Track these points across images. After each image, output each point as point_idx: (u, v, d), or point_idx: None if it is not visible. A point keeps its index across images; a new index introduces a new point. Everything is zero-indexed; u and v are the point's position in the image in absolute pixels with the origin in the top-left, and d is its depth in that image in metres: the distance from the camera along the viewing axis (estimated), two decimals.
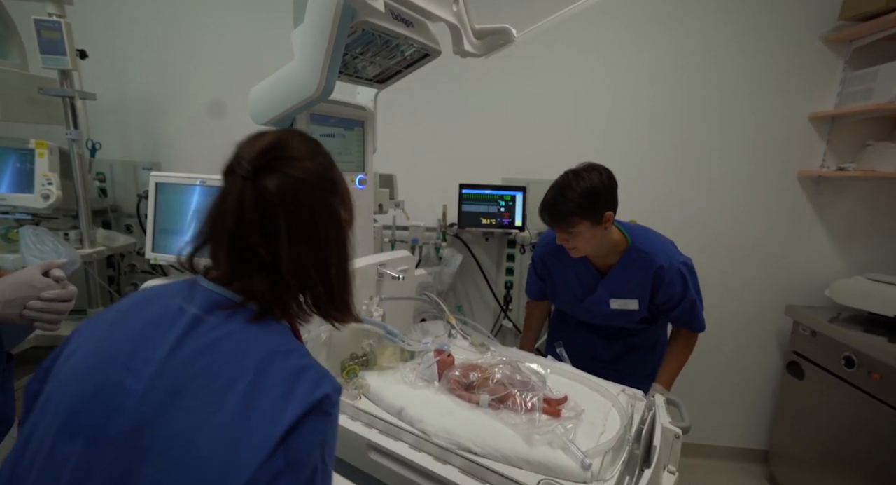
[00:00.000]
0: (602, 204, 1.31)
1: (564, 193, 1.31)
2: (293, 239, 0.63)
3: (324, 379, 0.60)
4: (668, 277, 1.40)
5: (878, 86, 1.90)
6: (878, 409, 1.70)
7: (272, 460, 0.50)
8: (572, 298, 1.55)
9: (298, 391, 0.56)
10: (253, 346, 0.59)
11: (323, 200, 0.66)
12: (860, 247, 2.22)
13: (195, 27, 2.25)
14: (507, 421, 0.95)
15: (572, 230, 1.33)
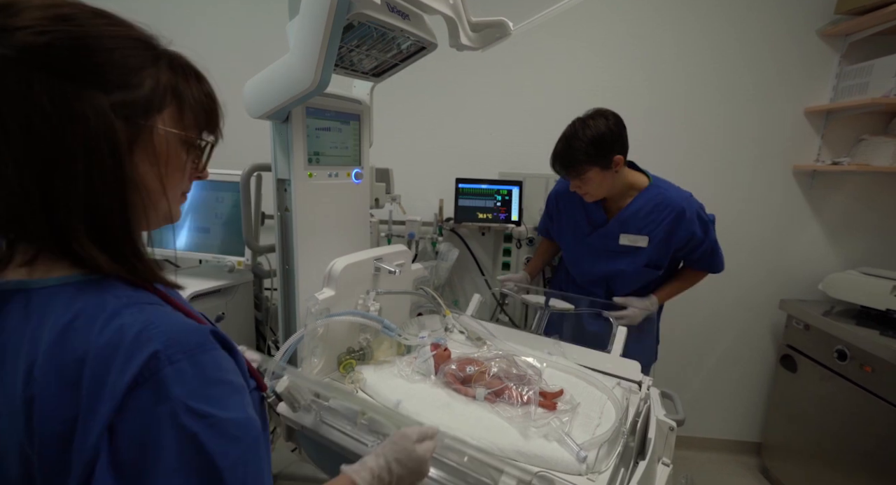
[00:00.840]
0: (609, 149, 1.36)
1: (572, 142, 1.37)
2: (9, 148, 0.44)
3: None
4: (689, 216, 1.44)
5: (873, 80, 1.91)
6: (869, 401, 1.72)
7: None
8: (580, 235, 1.59)
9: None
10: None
11: (63, 92, 0.44)
12: (854, 241, 2.24)
13: (189, 19, 2.22)
14: (504, 414, 0.96)
15: (583, 177, 1.39)
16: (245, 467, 0.46)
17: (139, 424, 0.42)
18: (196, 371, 0.45)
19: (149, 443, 0.42)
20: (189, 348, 0.45)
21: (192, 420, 0.43)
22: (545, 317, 1.52)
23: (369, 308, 1.25)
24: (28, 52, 0.43)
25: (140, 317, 0.46)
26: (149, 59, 0.51)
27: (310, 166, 1.33)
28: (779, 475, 2.21)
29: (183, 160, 0.56)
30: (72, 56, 0.45)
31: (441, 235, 2.20)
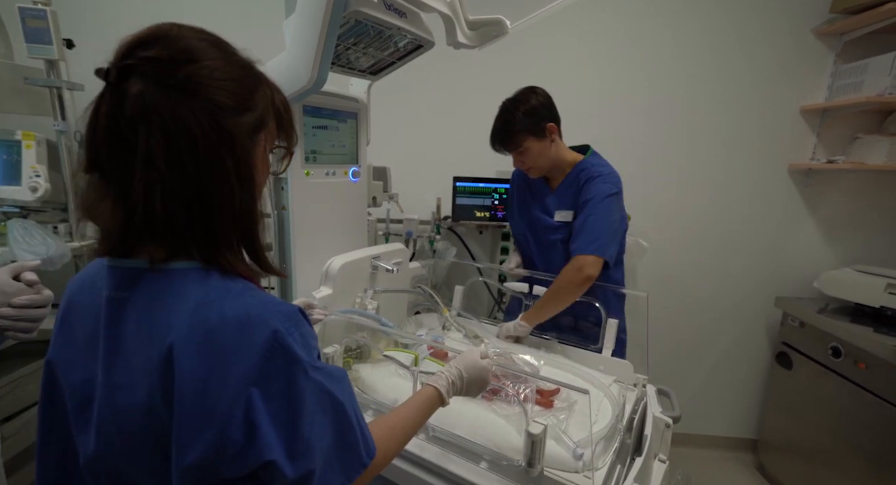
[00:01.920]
0: (542, 117, 1.43)
1: (508, 118, 1.45)
2: (153, 163, 0.51)
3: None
4: (594, 187, 1.43)
5: (867, 79, 1.92)
6: (863, 397, 1.74)
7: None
8: (525, 214, 1.62)
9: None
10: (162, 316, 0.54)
11: (200, 109, 0.52)
12: (848, 239, 2.25)
13: (185, 16, 2.20)
14: (501, 412, 0.96)
15: (521, 149, 1.44)
16: (351, 397, 0.60)
17: (282, 383, 0.52)
18: (303, 340, 0.55)
19: (294, 395, 0.53)
20: (296, 323, 0.55)
21: (315, 373, 0.55)
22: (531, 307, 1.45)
23: (367, 306, 1.25)
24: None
25: (257, 299, 0.55)
26: (256, 81, 0.60)
27: (307, 165, 1.33)
28: (775, 472, 2.22)
29: (266, 165, 0.63)
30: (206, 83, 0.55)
31: (439, 234, 2.20)
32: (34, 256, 1.40)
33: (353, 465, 0.59)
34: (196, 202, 0.53)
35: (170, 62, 0.53)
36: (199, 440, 0.49)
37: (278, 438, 0.51)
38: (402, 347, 1.24)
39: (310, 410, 0.54)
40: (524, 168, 1.51)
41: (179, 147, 0.51)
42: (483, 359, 0.87)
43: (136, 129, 0.51)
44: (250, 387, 0.50)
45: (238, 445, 0.50)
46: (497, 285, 2.11)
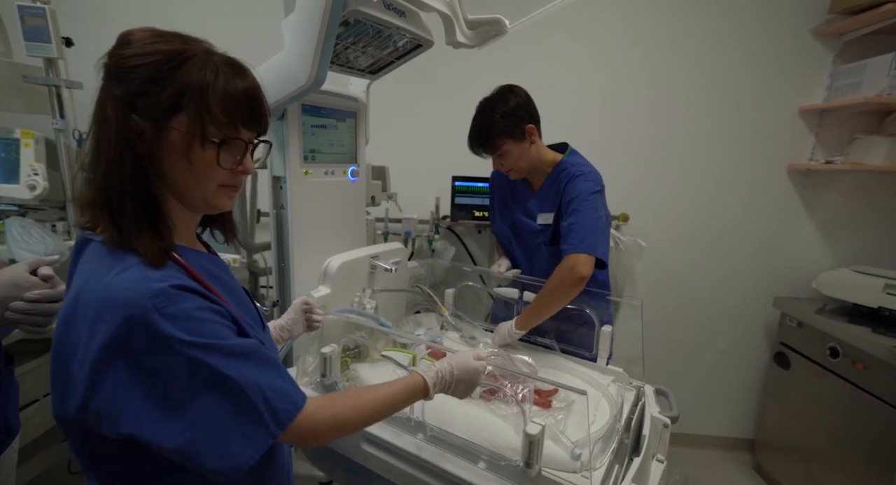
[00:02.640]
0: (521, 119, 1.37)
1: (484, 118, 1.38)
2: (90, 140, 0.61)
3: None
4: (580, 178, 1.40)
5: (866, 79, 1.92)
6: (861, 398, 1.74)
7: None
8: (507, 217, 1.58)
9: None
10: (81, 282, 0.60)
11: (105, 100, 0.60)
12: (847, 239, 2.25)
13: (184, 15, 2.21)
14: (499, 412, 0.96)
15: (501, 152, 1.39)
16: (245, 370, 0.59)
17: (147, 357, 0.55)
18: (179, 316, 0.56)
19: (160, 370, 0.55)
20: (170, 299, 0.56)
21: (187, 348, 0.55)
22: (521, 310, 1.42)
23: (365, 306, 1.25)
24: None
25: (136, 275, 0.57)
26: (170, 68, 0.60)
27: (306, 164, 1.33)
28: (772, 472, 2.23)
29: (205, 156, 0.62)
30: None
31: (437, 233, 2.20)
32: (32, 255, 1.40)
33: (258, 432, 0.59)
34: (90, 177, 0.60)
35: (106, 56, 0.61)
36: (68, 401, 0.56)
37: (147, 409, 0.54)
38: (401, 347, 1.24)
39: (184, 384, 0.55)
40: (504, 170, 1.46)
41: (91, 124, 0.61)
42: (477, 360, 0.86)
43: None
44: (114, 359, 0.54)
45: (102, 411, 0.54)
46: (487, 290, 2.11)
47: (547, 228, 1.46)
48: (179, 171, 0.62)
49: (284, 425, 0.61)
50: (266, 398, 0.60)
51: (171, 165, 0.62)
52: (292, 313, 1.03)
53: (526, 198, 1.53)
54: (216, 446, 0.56)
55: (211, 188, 0.65)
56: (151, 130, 0.59)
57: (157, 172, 0.61)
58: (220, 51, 0.65)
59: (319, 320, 1.07)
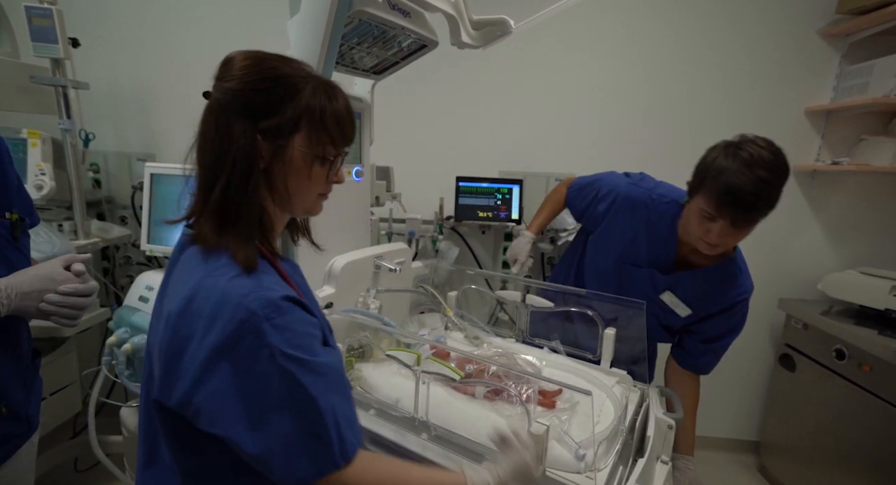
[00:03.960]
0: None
1: (773, 179, 1.05)
2: (203, 155, 0.67)
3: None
4: (740, 311, 1.28)
5: (873, 80, 1.91)
6: (867, 400, 1.73)
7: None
8: (626, 256, 1.34)
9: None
10: (186, 279, 0.65)
11: (230, 120, 0.65)
12: (853, 241, 2.24)
13: (190, 15, 2.22)
14: (502, 412, 0.96)
15: (751, 226, 1.09)
16: (329, 394, 0.61)
17: (250, 363, 0.58)
18: (284, 327, 0.59)
19: (260, 377, 0.58)
20: (279, 310, 0.60)
21: (286, 361, 0.58)
22: (525, 315, 1.40)
23: (369, 306, 1.26)
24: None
25: (250, 282, 0.61)
26: (292, 92, 0.66)
27: None
28: (777, 474, 2.22)
29: (310, 171, 0.69)
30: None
31: (441, 234, 2.20)
32: (39, 254, 1.41)
33: (325, 459, 0.60)
34: (207, 191, 0.66)
35: (217, 80, 0.68)
36: (172, 392, 0.59)
37: (239, 412, 0.57)
38: (405, 347, 1.24)
39: (276, 394, 0.58)
40: (711, 241, 1.12)
41: (200, 142, 0.68)
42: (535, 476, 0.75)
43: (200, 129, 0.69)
44: (222, 360, 0.57)
45: (202, 407, 0.57)
46: (490, 293, 2.11)
47: (665, 310, 1.31)
48: (293, 184, 0.69)
49: (349, 458, 0.62)
50: (339, 427, 0.61)
51: (285, 179, 0.68)
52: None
53: (663, 256, 1.28)
54: (286, 462, 0.59)
55: (312, 198, 0.74)
56: (270, 148, 0.65)
57: (268, 184, 0.67)
58: (312, 70, 0.70)
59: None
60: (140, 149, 2.33)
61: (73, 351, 1.78)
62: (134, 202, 2.24)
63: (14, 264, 0.89)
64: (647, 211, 1.31)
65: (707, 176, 1.10)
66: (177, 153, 2.51)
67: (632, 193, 1.35)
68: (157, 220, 1.61)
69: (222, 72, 0.66)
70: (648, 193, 1.33)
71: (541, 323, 1.43)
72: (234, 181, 0.64)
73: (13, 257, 0.91)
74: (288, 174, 0.68)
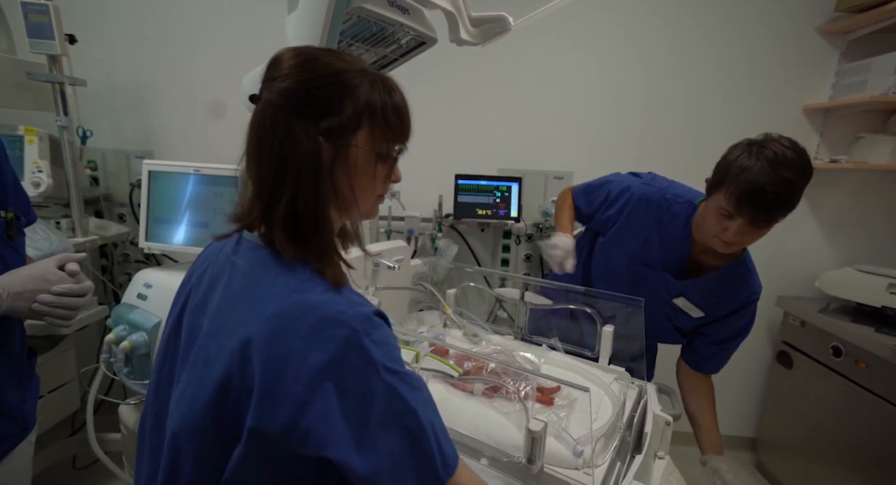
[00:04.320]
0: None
1: (797, 179, 1.03)
2: (260, 162, 0.62)
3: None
4: (751, 312, 1.27)
5: (871, 78, 1.91)
6: (864, 397, 1.74)
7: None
8: (636, 258, 1.32)
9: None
10: (252, 291, 0.61)
11: (288, 122, 0.60)
12: (850, 238, 2.25)
13: (188, 12, 2.21)
14: (501, 409, 0.97)
15: (769, 226, 1.09)
16: (427, 407, 0.60)
17: (356, 380, 0.55)
18: (380, 342, 0.57)
19: (367, 394, 0.55)
20: (374, 325, 0.57)
21: (389, 376, 0.56)
22: (524, 313, 1.40)
23: None
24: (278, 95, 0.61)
25: (342, 297, 0.59)
26: (351, 88, 0.61)
27: None
28: (774, 471, 2.23)
29: (374, 170, 0.66)
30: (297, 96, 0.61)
31: (440, 231, 2.20)
32: (37, 252, 1.41)
33: (429, 474, 0.58)
34: (270, 202, 0.61)
35: (266, 81, 0.63)
36: (274, 416, 0.54)
37: (347, 433, 0.54)
38: (404, 344, 1.25)
39: (380, 411, 0.55)
40: (728, 240, 1.11)
41: (254, 148, 0.62)
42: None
43: (253, 133, 0.64)
44: (326, 380, 0.54)
45: (312, 430, 0.53)
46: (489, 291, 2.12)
47: (677, 312, 1.30)
48: (359, 186, 0.65)
49: (451, 472, 0.60)
50: (438, 440, 0.59)
51: (350, 181, 0.64)
52: None
53: (675, 261, 1.27)
54: (392, 480, 0.56)
55: (373, 200, 0.70)
56: (332, 149, 0.61)
57: (334, 189, 0.63)
58: (365, 64, 0.66)
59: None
60: (138, 146, 2.33)
61: (72, 349, 1.78)
62: (132, 200, 2.24)
63: (9, 263, 0.88)
64: (661, 211, 1.30)
65: (729, 174, 1.09)
66: (175, 150, 2.52)
67: (646, 192, 1.33)
68: (155, 217, 1.61)
69: (272, 71, 0.62)
70: (663, 192, 1.32)
71: (539, 320, 1.44)
72: (302, 190, 0.60)
73: (8, 256, 0.90)
74: (353, 175, 0.64)
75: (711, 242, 1.16)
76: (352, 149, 0.62)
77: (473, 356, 1.10)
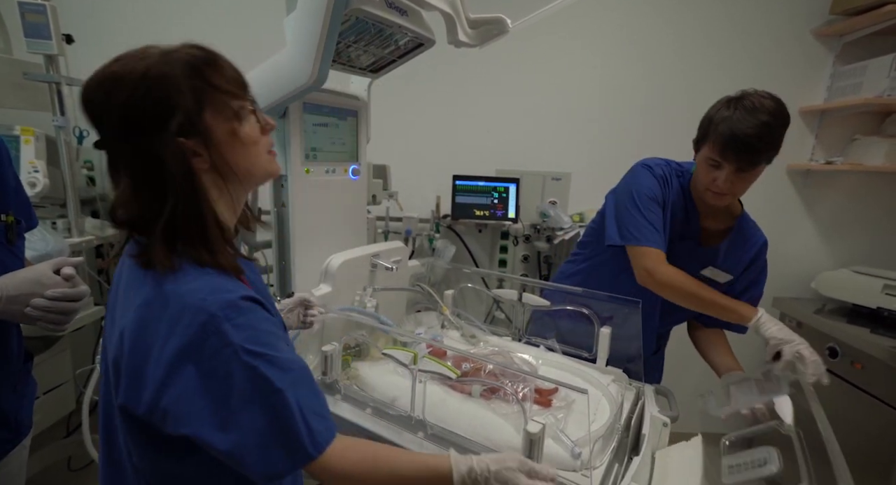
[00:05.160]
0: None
1: (777, 120, 1.11)
2: (139, 188, 0.63)
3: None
4: (763, 258, 1.29)
5: (866, 80, 1.92)
6: (859, 398, 1.75)
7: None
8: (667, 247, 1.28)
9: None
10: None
11: (145, 146, 0.61)
12: (846, 240, 2.26)
13: (185, 12, 2.20)
14: (499, 411, 0.97)
15: (757, 170, 1.13)
16: (297, 388, 0.62)
17: (215, 362, 0.58)
18: (246, 326, 0.60)
19: (226, 375, 0.58)
20: (239, 310, 0.60)
21: (250, 357, 0.59)
22: (521, 314, 1.39)
23: (366, 305, 1.26)
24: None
25: (207, 285, 0.61)
26: (173, 84, 0.61)
27: (307, 162, 1.33)
28: None
29: (241, 135, 0.66)
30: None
31: (438, 232, 2.20)
32: (33, 252, 1.40)
33: (298, 452, 0.61)
34: (151, 213, 0.62)
35: (95, 125, 0.64)
36: (139, 398, 0.59)
37: (207, 411, 0.58)
38: (401, 346, 1.25)
39: (242, 390, 0.58)
40: (717, 190, 1.15)
41: (135, 181, 0.63)
42: (529, 480, 0.68)
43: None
44: (185, 363, 0.57)
45: (170, 410, 0.57)
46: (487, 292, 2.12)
47: (707, 282, 1.27)
48: (238, 155, 0.66)
49: (321, 448, 0.62)
50: (306, 419, 0.61)
51: (230, 155, 0.65)
52: (290, 303, 1.07)
53: (692, 229, 1.29)
54: (260, 456, 0.59)
55: (263, 158, 0.71)
56: (199, 140, 0.62)
57: (219, 175, 0.66)
58: (158, 49, 0.64)
59: (315, 316, 1.08)
60: None
61: (67, 350, 1.77)
62: None
63: (8, 267, 0.87)
64: (669, 187, 1.30)
65: (710, 126, 1.17)
66: None
67: (663, 172, 1.32)
68: None
69: (91, 112, 0.62)
70: (666, 166, 1.33)
71: (537, 322, 1.44)
72: (182, 196, 0.61)
73: (6, 260, 0.90)
74: (227, 153, 0.65)
75: (705, 196, 1.20)
76: (213, 129, 0.63)
77: (471, 358, 1.10)
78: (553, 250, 2.16)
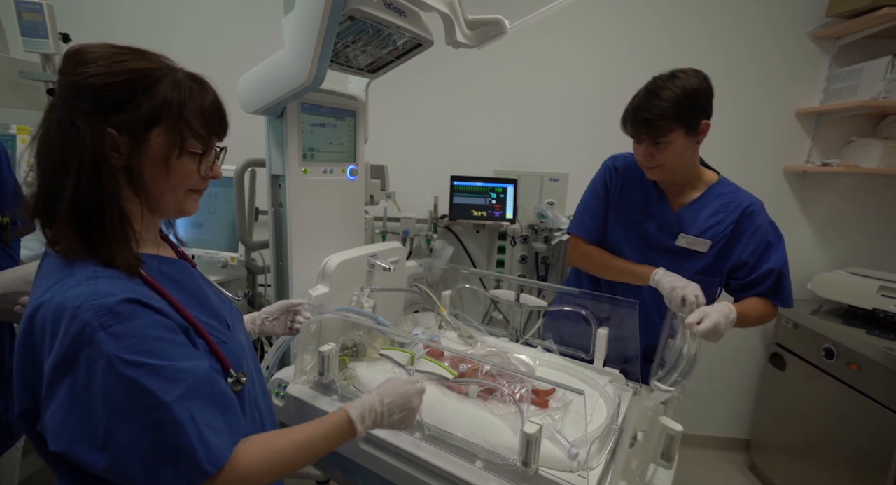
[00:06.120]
0: (700, 108, 1.15)
1: (658, 93, 1.14)
2: (44, 153, 0.62)
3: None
4: (760, 221, 1.26)
5: (862, 82, 1.93)
6: (855, 398, 1.75)
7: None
8: (629, 221, 1.35)
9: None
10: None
11: (73, 115, 0.60)
12: (842, 241, 2.27)
13: (183, 13, 2.20)
14: (496, 412, 0.97)
15: (662, 140, 1.15)
16: (187, 399, 0.58)
17: (88, 375, 0.54)
18: (124, 334, 0.56)
19: (100, 389, 0.54)
20: (117, 317, 0.56)
21: (128, 369, 0.55)
22: (520, 314, 1.39)
23: (363, 305, 1.25)
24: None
25: (87, 290, 0.57)
26: (144, 86, 0.62)
27: (304, 162, 1.32)
28: (767, 472, 2.24)
29: (185, 165, 0.67)
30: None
31: (436, 233, 2.20)
32: (29, 252, 1.39)
33: (192, 469, 0.57)
34: (53, 195, 0.61)
35: (60, 74, 0.63)
36: (37, 414, 0.57)
37: (82, 430, 0.54)
38: (399, 346, 1.24)
39: (121, 405, 0.55)
40: (648, 165, 1.23)
41: (40, 142, 0.62)
42: (407, 384, 0.82)
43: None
44: (61, 378, 0.54)
45: (47, 427, 0.55)
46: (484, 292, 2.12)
47: (689, 254, 1.29)
48: (156, 179, 0.65)
49: (220, 464, 0.59)
50: (201, 433, 0.58)
51: (149, 174, 0.64)
52: (273, 311, 1.05)
53: (661, 212, 1.32)
54: (147, 475, 0.56)
55: (180, 195, 0.69)
56: (129, 142, 0.62)
57: (131, 181, 0.64)
58: (180, 66, 0.68)
59: (301, 323, 1.06)
60: None
61: None
62: None
63: (2, 267, 0.87)
64: (629, 169, 1.39)
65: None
66: None
67: (613, 161, 1.45)
68: None
69: (67, 66, 0.61)
70: (627, 155, 1.41)
71: (535, 322, 1.44)
72: (84, 182, 0.59)
73: (0, 260, 0.89)
74: (151, 169, 0.64)
75: (646, 173, 1.28)
76: (150, 144, 0.63)
77: (468, 358, 1.10)
78: (551, 251, 2.16)
